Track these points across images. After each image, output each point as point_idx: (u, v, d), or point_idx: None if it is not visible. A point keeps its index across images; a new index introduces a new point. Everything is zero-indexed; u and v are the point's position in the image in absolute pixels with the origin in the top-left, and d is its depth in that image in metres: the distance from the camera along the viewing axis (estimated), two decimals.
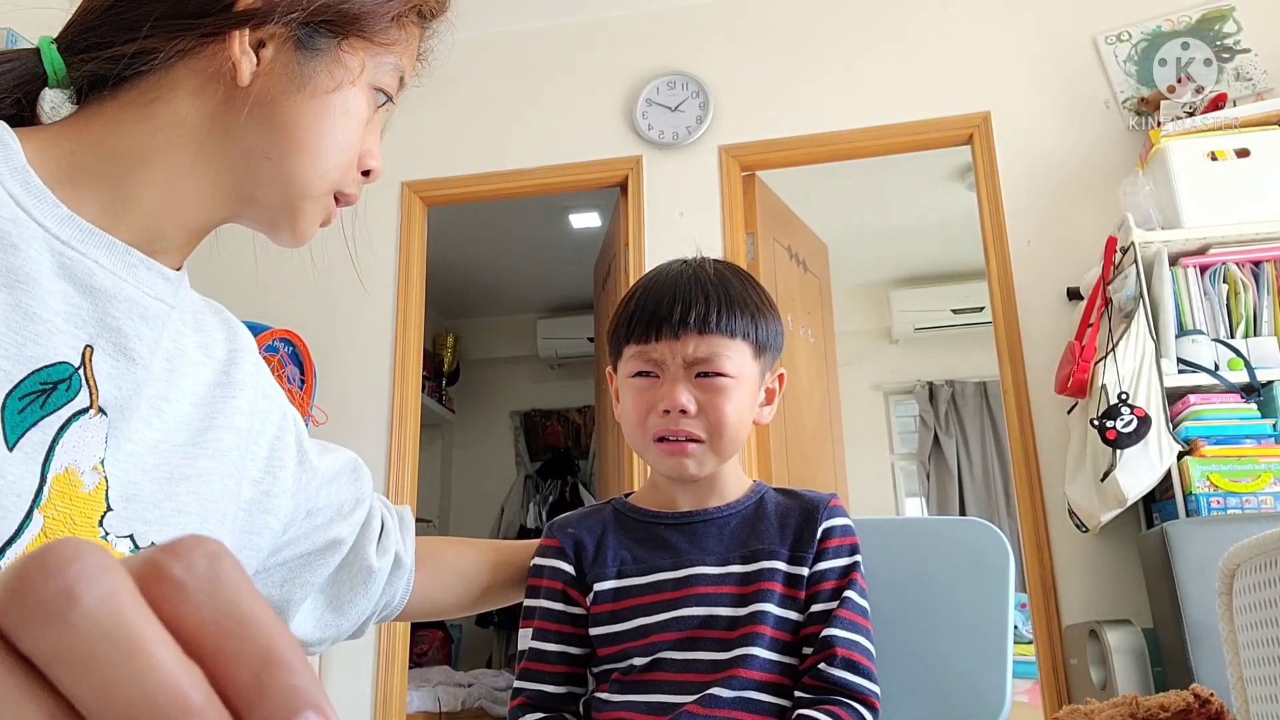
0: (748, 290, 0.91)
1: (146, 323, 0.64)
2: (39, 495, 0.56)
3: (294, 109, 0.65)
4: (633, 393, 0.90)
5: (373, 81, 0.69)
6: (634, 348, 0.90)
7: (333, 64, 0.66)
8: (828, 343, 3.55)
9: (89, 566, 0.19)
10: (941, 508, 5.06)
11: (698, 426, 0.87)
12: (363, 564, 0.86)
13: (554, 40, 3.23)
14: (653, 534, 0.91)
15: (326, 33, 0.66)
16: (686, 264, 0.93)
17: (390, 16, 0.68)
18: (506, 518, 5.31)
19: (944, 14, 2.94)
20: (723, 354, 0.87)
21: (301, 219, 0.69)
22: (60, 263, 0.59)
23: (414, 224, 3.15)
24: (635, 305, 0.90)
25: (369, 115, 0.70)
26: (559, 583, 0.90)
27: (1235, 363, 2.17)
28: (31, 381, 0.56)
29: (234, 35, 0.62)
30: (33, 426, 0.56)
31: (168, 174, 0.64)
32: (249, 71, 0.63)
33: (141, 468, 0.64)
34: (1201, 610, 1.86)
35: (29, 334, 0.56)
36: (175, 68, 0.63)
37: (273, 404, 0.78)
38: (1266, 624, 1.00)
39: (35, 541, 0.56)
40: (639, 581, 0.88)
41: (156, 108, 0.63)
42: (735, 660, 0.82)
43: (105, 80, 0.64)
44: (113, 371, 0.62)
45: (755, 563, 0.86)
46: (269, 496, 0.75)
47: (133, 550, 0.62)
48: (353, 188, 0.71)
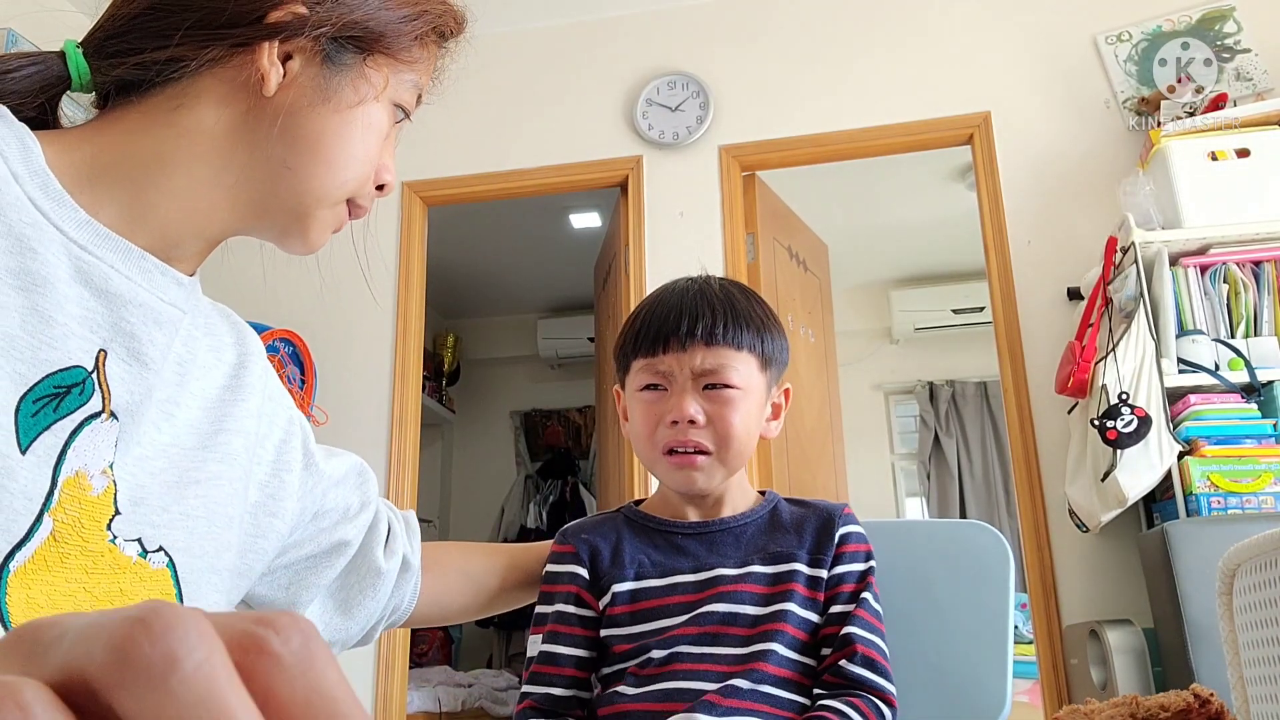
0: (753, 305, 0.93)
1: (160, 328, 0.64)
2: (49, 499, 0.56)
3: (318, 121, 0.66)
4: (641, 406, 0.91)
5: (394, 98, 0.70)
6: (641, 361, 0.91)
7: (357, 79, 0.67)
8: (828, 343, 3.55)
9: (190, 632, 0.20)
10: (942, 508, 5.06)
11: (706, 438, 0.88)
12: (370, 566, 0.86)
13: (554, 40, 3.23)
14: (670, 541, 0.92)
15: (353, 49, 0.67)
16: (692, 280, 0.95)
17: (414, 36, 0.70)
18: (507, 518, 5.30)
19: (944, 14, 2.94)
20: (730, 365, 0.88)
21: (314, 228, 0.69)
22: (77, 267, 0.59)
23: (414, 224, 3.15)
24: (642, 321, 0.92)
25: (388, 130, 0.71)
26: (574, 586, 0.91)
27: (1235, 363, 2.17)
28: (45, 385, 0.57)
29: (263, 47, 0.63)
30: (45, 430, 0.56)
31: (188, 181, 0.64)
32: (276, 83, 0.64)
33: (150, 471, 0.64)
34: (1202, 610, 1.86)
35: (44, 337, 0.57)
36: (201, 77, 0.64)
37: (280, 407, 0.79)
38: (1267, 624, 1.00)
39: (44, 545, 0.56)
40: (658, 583, 0.88)
41: (180, 115, 0.64)
42: (755, 655, 0.83)
43: (131, 86, 0.64)
44: (125, 376, 0.62)
45: (779, 564, 0.87)
46: (274, 500, 0.75)
47: (141, 554, 0.62)
48: (366, 200, 0.72)
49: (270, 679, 0.21)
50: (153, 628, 0.20)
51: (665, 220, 2.97)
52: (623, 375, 0.95)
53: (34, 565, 0.55)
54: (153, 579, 0.62)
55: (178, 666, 0.19)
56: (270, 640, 0.21)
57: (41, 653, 0.21)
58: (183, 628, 0.20)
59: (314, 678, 0.21)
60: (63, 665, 0.20)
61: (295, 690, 0.21)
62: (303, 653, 0.21)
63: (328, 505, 0.82)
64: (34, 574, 0.55)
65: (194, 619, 0.20)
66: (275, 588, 0.80)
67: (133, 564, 0.61)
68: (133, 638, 0.20)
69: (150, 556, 0.62)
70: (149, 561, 0.62)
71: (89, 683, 0.20)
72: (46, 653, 0.21)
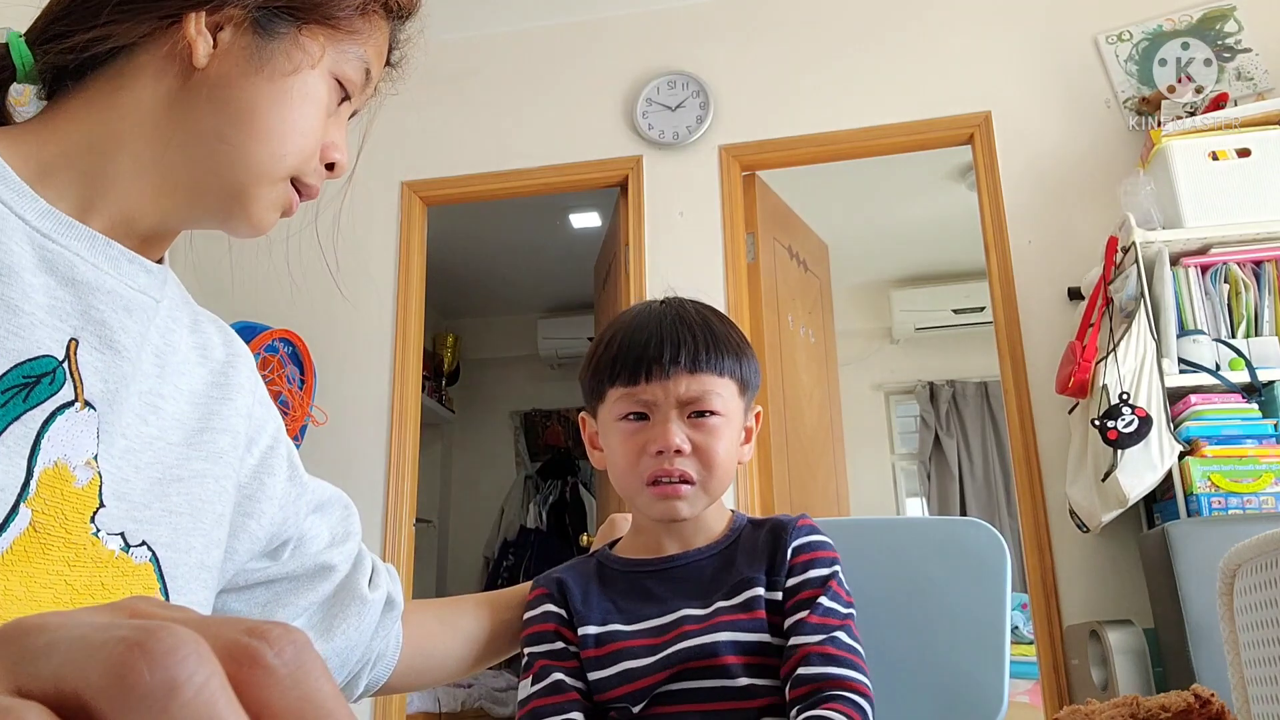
0: (728, 329, 0.91)
1: (131, 315, 0.64)
2: (25, 489, 0.56)
3: (250, 91, 0.64)
4: (621, 436, 0.88)
5: (334, 70, 0.68)
6: (621, 390, 0.88)
7: (291, 47, 0.66)
8: (828, 343, 3.55)
9: (189, 657, 0.20)
10: (942, 508, 5.06)
11: (691, 466, 0.86)
12: (355, 593, 0.83)
13: (554, 40, 3.23)
14: (635, 585, 0.89)
15: (286, 17, 0.66)
16: (665, 304, 0.92)
17: (354, 6, 0.68)
18: (507, 518, 5.30)
19: (944, 14, 2.94)
20: (714, 392, 0.87)
21: (256, 207, 0.67)
22: (41, 256, 0.59)
23: (414, 224, 3.15)
24: (619, 348, 0.88)
25: (330, 104, 0.69)
26: (551, 624, 0.89)
27: (1236, 363, 2.17)
28: (14, 375, 0.56)
29: (189, 17, 0.63)
30: (15, 420, 0.56)
31: (134, 163, 0.64)
32: (205, 53, 0.63)
33: (135, 465, 0.63)
34: (1202, 610, 1.86)
35: (11, 327, 0.56)
36: (137, 55, 0.64)
37: (270, 415, 0.78)
38: (1267, 624, 1.00)
39: (24, 535, 0.55)
40: (624, 628, 0.86)
41: (120, 96, 0.64)
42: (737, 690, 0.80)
43: (72, 72, 0.64)
44: (99, 365, 0.61)
45: (740, 593, 0.85)
46: (251, 500, 0.74)
47: (123, 549, 0.61)
48: (313, 178, 0.70)
49: (264, 691, 0.21)
50: (152, 653, 0.20)
51: (665, 220, 2.97)
52: (594, 402, 0.92)
53: (12, 556, 0.55)
54: (135, 574, 0.62)
55: (178, 693, 0.19)
56: (263, 652, 0.21)
57: (30, 661, 0.21)
58: (182, 651, 0.20)
59: (307, 689, 0.21)
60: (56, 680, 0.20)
61: (289, 702, 0.21)
62: (295, 664, 0.21)
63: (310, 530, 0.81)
64: (12, 564, 0.55)
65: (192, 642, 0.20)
66: (252, 605, 0.78)
67: (115, 558, 0.60)
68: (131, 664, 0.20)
69: (133, 551, 0.62)
70: (131, 556, 0.62)
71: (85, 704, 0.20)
72: (36, 662, 0.20)
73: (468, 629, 0.93)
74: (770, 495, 2.77)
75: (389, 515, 2.88)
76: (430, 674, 0.93)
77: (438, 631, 0.92)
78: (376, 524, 2.86)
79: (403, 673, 0.89)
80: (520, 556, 5.12)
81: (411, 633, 0.90)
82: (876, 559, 0.93)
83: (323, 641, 0.81)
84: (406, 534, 2.90)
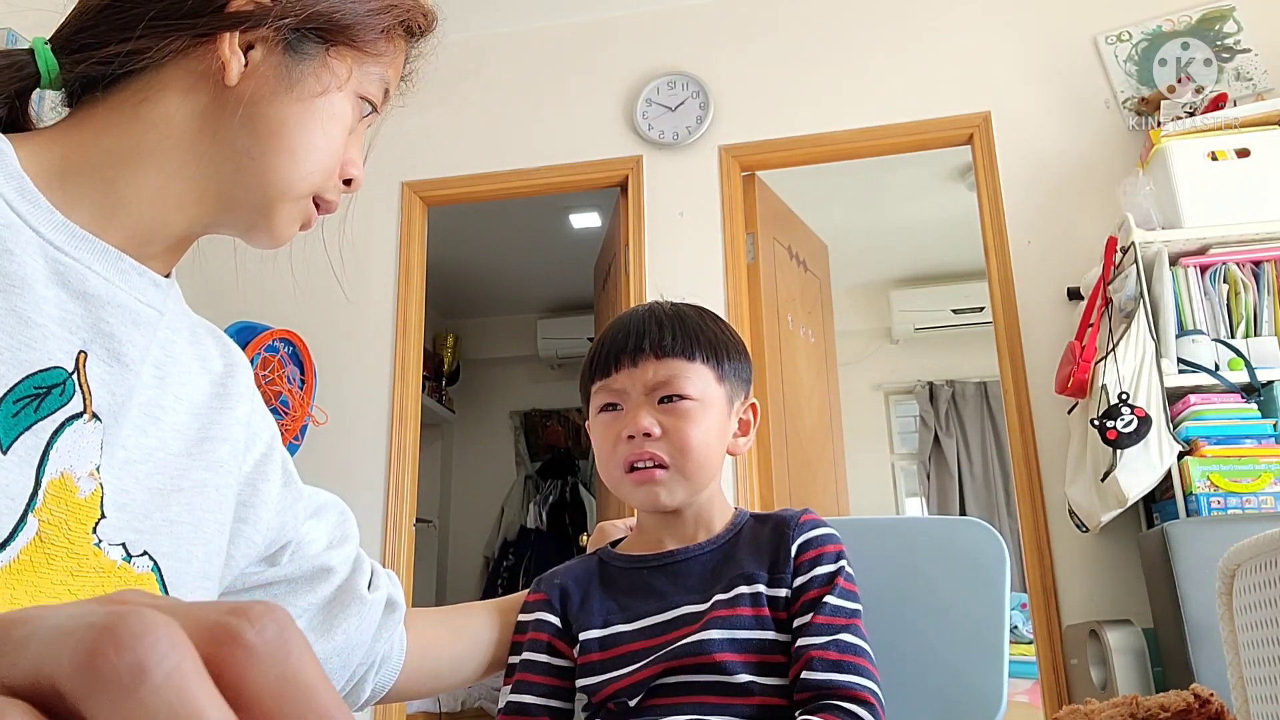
0: (705, 321, 0.93)
1: (138, 329, 0.64)
2: (33, 499, 0.56)
3: (280, 111, 0.65)
4: (600, 427, 0.91)
5: (358, 90, 0.70)
6: (598, 384, 0.91)
7: (320, 69, 0.67)
8: (828, 343, 3.55)
9: (159, 640, 0.19)
10: (942, 508, 5.06)
11: (662, 449, 0.87)
12: (356, 594, 0.83)
13: (554, 40, 3.23)
14: (636, 581, 0.90)
15: (316, 39, 0.67)
16: (649, 304, 0.96)
17: (380, 29, 0.70)
18: (506, 518, 5.30)
19: (944, 14, 2.94)
20: (681, 375, 0.88)
21: (278, 219, 0.69)
22: (54, 268, 0.59)
23: (414, 224, 3.15)
24: (598, 347, 0.93)
25: (353, 123, 0.71)
26: (544, 634, 0.89)
27: (1235, 363, 2.17)
28: (25, 385, 0.57)
29: (224, 36, 0.63)
30: (26, 430, 0.56)
31: (158, 175, 0.64)
32: (237, 72, 0.64)
33: (135, 476, 0.63)
34: (1202, 610, 1.86)
35: (23, 338, 0.57)
36: (165, 69, 0.64)
37: (265, 423, 0.79)
38: (1267, 624, 1.00)
39: (30, 545, 0.56)
40: (627, 628, 0.86)
41: (146, 108, 0.64)
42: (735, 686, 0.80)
43: (97, 82, 0.64)
44: (106, 377, 0.62)
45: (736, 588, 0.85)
46: (247, 506, 0.74)
47: (125, 559, 0.62)
48: (333, 194, 0.72)
49: (243, 670, 0.21)
50: (119, 636, 0.19)
51: (665, 220, 2.97)
52: (588, 407, 0.94)
53: (19, 565, 0.55)
54: (138, 583, 0.62)
55: (147, 677, 0.19)
56: (243, 630, 0.21)
57: (11, 652, 0.20)
58: (151, 636, 0.19)
59: (288, 667, 0.21)
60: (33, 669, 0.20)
61: (268, 680, 0.21)
62: (277, 642, 0.21)
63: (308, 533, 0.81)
64: (19, 574, 0.55)
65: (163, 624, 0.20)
66: None
67: (117, 568, 0.61)
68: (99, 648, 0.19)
69: (135, 561, 0.62)
70: (133, 566, 0.62)
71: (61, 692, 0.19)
72: (16, 652, 0.20)
73: (475, 632, 0.93)
74: (770, 495, 2.77)
75: (389, 515, 2.88)
76: (440, 679, 0.92)
77: (443, 635, 0.92)
78: (376, 524, 2.86)
79: (410, 677, 0.89)
80: (520, 556, 5.13)
81: (416, 636, 0.89)
82: (876, 559, 0.93)
83: (323, 641, 0.81)
84: (406, 534, 2.90)
